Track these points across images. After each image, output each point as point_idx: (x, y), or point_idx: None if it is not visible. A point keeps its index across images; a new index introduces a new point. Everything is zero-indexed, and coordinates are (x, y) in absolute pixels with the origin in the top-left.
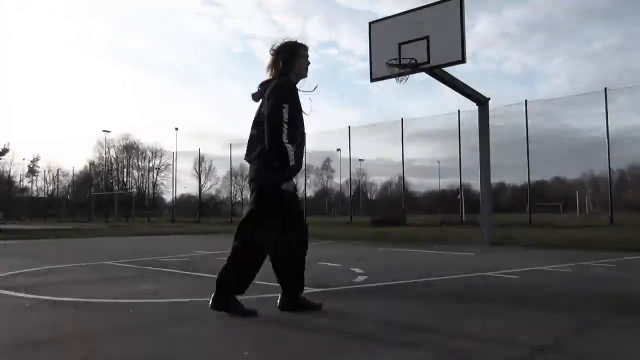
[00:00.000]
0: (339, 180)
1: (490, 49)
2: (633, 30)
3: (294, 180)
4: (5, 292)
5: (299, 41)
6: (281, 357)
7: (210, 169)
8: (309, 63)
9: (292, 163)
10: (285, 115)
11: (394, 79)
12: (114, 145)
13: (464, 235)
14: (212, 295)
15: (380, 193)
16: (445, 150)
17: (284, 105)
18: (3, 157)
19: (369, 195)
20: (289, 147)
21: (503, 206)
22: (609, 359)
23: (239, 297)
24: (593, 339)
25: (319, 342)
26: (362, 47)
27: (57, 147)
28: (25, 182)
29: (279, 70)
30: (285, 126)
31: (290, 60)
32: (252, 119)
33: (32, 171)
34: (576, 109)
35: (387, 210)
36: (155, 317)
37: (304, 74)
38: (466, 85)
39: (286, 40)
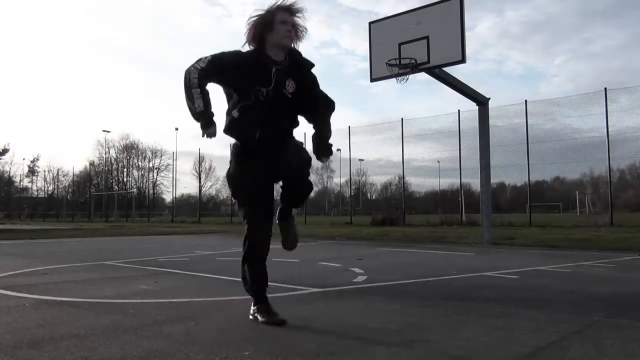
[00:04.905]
0: (339, 180)
1: (491, 49)
2: (633, 30)
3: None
4: (5, 292)
5: (281, 5)
6: (281, 357)
7: (210, 169)
8: (292, 27)
9: (199, 109)
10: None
11: (394, 79)
12: (114, 145)
13: (464, 235)
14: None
15: (380, 193)
16: (445, 150)
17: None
18: (3, 157)
19: (369, 195)
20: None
21: (503, 206)
22: (609, 359)
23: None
24: (593, 339)
25: (319, 342)
26: (363, 46)
27: (57, 147)
28: (25, 182)
29: (251, 44)
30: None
31: (264, 31)
32: None
33: (32, 171)
34: (576, 109)
35: (387, 210)
36: (155, 317)
37: (284, 43)
38: (466, 85)
39: (268, 7)
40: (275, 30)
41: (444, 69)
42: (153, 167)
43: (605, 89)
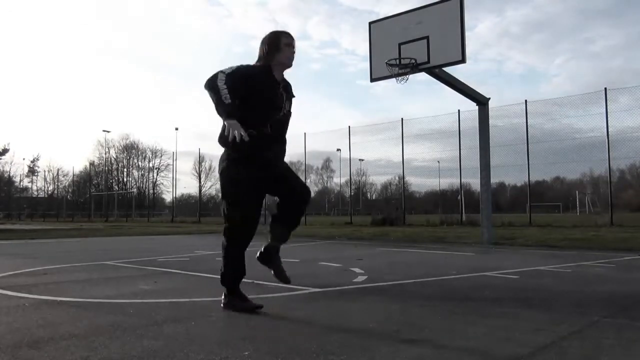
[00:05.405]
0: (339, 180)
1: (491, 49)
2: (633, 30)
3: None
4: (5, 292)
5: (283, 30)
6: (281, 357)
7: (210, 169)
8: (294, 52)
9: (227, 102)
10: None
11: (394, 79)
12: (114, 145)
13: (464, 235)
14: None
15: (380, 193)
16: (445, 150)
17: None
18: (3, 157)
19: (369, 195)
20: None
21: (503, 206)
22: (609, 359)
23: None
24: (593, 339)
25: (319, 342)
26: (363, 46)
27: (57, 147)
28: (25, 182)
29: (262, 60)
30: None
31: (273, 50)
32: None
33: (32, 171)
34: (576, 109)
35: (387, 210)
36: (155, 317)
37: (287, 64)
38: (466, 85)
39: (271, 31)
40: (282, 51)
41: (444, 69)
42: (153, 167)
43: (605, 89)
